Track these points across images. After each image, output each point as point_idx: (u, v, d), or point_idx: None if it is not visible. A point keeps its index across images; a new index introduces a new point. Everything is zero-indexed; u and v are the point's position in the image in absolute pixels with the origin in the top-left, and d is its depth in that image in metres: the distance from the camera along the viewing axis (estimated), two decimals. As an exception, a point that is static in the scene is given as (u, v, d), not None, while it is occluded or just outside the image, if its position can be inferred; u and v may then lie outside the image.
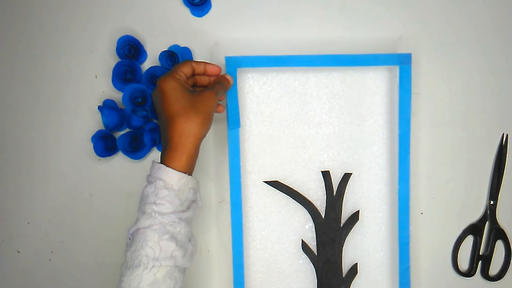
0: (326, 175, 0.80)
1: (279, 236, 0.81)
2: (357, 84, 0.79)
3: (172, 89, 0.65)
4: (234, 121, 0.75)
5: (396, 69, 0.76)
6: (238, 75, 0.76)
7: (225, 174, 0.79)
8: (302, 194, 0.80)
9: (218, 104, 0.73)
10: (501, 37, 0.81)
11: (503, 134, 0.82)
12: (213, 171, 0.81)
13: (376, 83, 0.80)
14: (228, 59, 0.75)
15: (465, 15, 0.81)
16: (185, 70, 0.68)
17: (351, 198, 0.81)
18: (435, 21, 0.81)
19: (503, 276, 0.83)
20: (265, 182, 0.80)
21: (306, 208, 0.80)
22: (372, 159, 0.80)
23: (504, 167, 0.82)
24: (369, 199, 0.81)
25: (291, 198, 0.80)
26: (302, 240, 0.81)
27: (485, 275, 0.83)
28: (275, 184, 0.80)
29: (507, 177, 0.82)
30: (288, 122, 0.80)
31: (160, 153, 0.79)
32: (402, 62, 0.75)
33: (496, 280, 0.83)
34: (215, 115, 0.78)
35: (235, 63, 0.75)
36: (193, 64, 0.70)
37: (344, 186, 0.80)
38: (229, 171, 0.76)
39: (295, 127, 0.80)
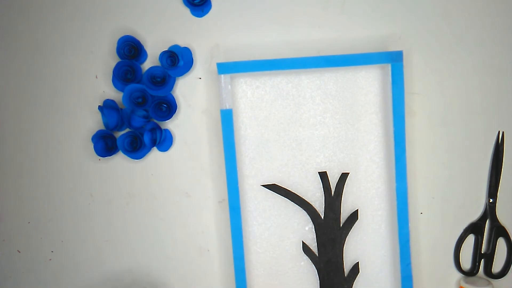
0: (323, 175, 0.80)
1: (279, 239, 0.80)
2: (350, 84, 0.80)
3: None
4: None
5: (388, 67, 0.76)
6: (230, 80, 0.76)
7: (224, 175, 0.79)
8: (301, 196, 0.80)
9: None
10: (497, 36, 0.81)
11: (499, 131, 0.82)
12: (213, 171, 0.81)
13: (369, 82, 0.80)
14: (220, 65, 0.75)
15: (462, 14, 0.81)
16: None
17: (350, 197, 0.81)
18: (431, 19, 0.81)
19: (506, 273, 0.82)
20: (263, 185, 0.80)
21: (305, 210, 0.80)
22: (368, 158, 0.80)
23: (502, 165, 0.82)
24: (368, 197, 0.81)
25: (290, 201, 0.80)
26: (302, 241, 0.80)
27: (488, 273, 0.82)
28: (273, 187, 0.80)
29: (505, 174, 0.82)
30: (283, 125, 0.80)
31: (160, 153, 0.81)
32: (394, 60, 0.76)
33: (500, 278, 0.82)
34: (209, 109, 0.80)
35: (227, 69, 0.75)
36: None
37: (342, 186, 0.80)
38: (226, 176, 0.76)
39: (290, 130, 0.80)
